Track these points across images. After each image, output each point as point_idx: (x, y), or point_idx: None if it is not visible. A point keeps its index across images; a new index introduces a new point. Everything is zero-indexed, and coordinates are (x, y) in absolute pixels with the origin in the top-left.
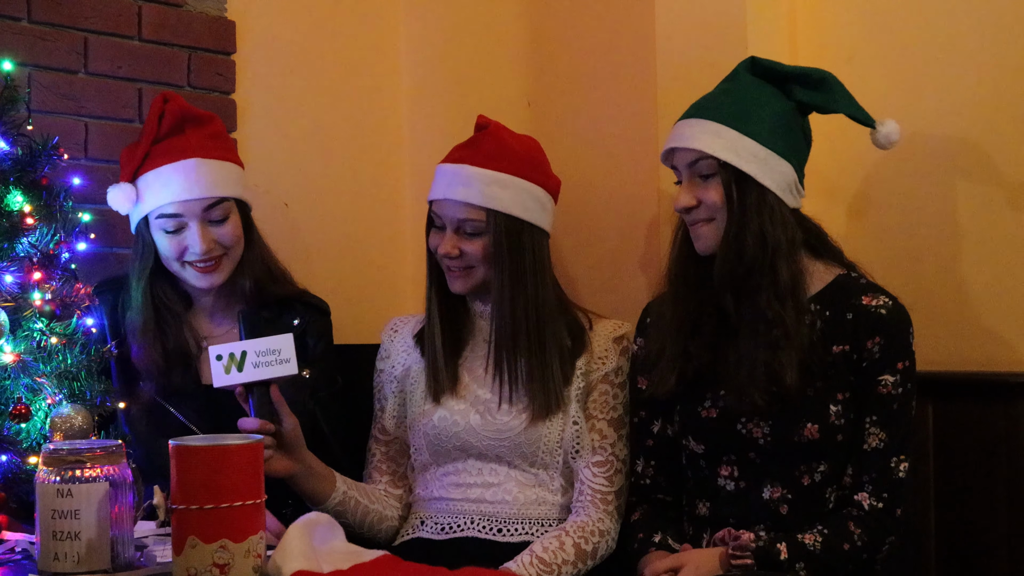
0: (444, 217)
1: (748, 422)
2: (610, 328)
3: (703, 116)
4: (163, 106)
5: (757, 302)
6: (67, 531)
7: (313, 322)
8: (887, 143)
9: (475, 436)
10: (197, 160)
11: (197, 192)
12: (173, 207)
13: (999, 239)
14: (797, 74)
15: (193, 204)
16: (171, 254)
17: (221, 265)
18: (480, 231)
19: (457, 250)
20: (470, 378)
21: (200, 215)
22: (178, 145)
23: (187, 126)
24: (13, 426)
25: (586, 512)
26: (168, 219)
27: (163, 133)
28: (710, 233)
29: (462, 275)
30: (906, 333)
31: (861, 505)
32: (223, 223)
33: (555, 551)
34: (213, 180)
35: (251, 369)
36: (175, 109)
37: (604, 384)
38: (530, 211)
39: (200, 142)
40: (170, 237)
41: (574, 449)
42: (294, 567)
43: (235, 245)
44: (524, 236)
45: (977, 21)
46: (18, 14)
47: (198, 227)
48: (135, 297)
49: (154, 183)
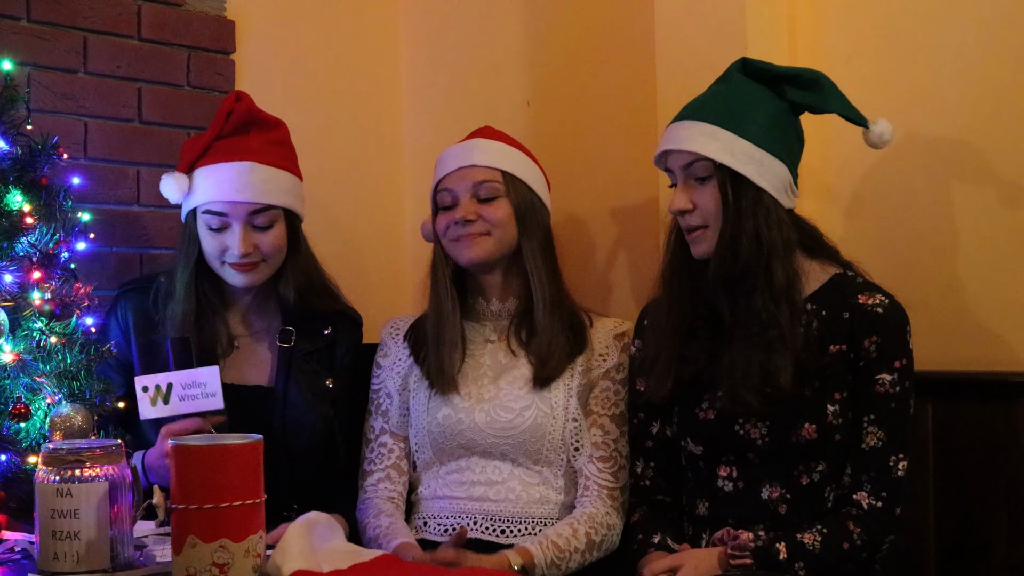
0: (458, 188)
1: (746, 423)
2: (611, 325)
3: (697, 118)
4: (233, 104)
5: (752, 303)
6: (66, 531)
7: (343, 331)
8: (880, 143)
9: (480, 434)
10: (252, 164)
11: (246, 195)
12: (219, 206)
13: (996, 239)
14: (790, 74)
15: (239, 206)
16: (212, 251)
17: (258, 268)
18: (496, 194)
19: (475, 214)
20: (474, 376)
21: (244, 218)
22: (239, 146)
23: (252, 128)
24: (13, 425)
25: (594, 505)
26: (213, 216)
27: (227, 131)
28: (705, 238)
29: (477, 240)
30: (903, 331)
31: (860, 504)
32: (267, 230)
33: (568, 538)
34: (264, 187)
35: (176, 402)
36: (243, 109)
37: (606, 380)
38: (537, 183)
39: (261, 146)
40: (213, 234)
41: (574, 446)
42: (293, 567)
43: (275, 254)
44: (535, 202)
45: (974, 21)
46: (17, 14)
47: (240, 229)
48: (178, 288)
49: (207, 178)
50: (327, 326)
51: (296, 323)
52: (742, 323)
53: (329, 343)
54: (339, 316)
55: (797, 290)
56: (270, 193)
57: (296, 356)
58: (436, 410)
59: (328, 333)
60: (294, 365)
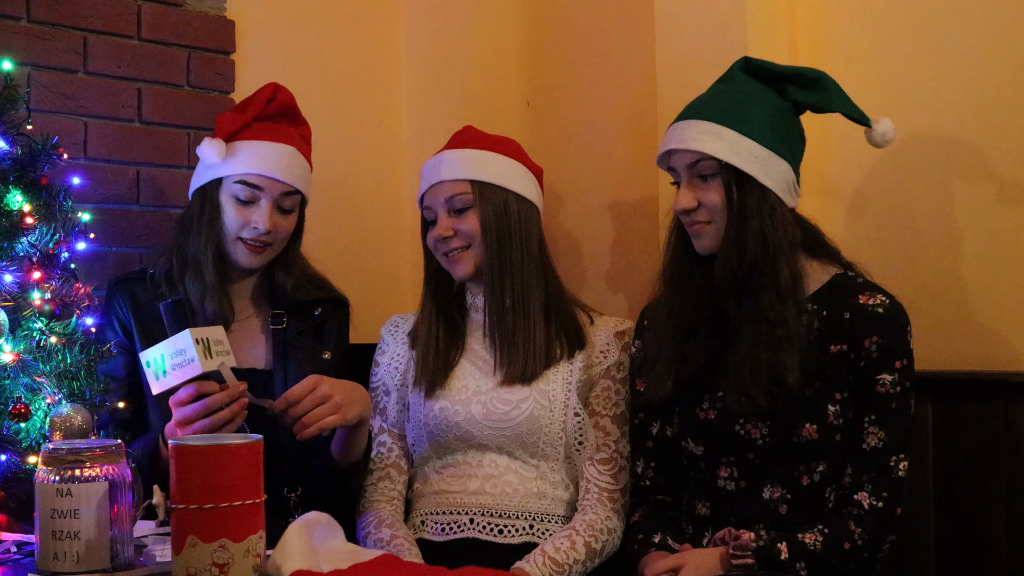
0: (434, 204)
1: (746, 423)
2: (612, 324)
3: (701, 117)
4: (274, 93)
5: (759, 302)
6: (66, 531)
7: (332, 311)
8: (882, 142)
9: (476, 426)
10: (294, 149)
11: (286, 175)
12: (258, 179)
13: (997, 238)
14: (792, 74)
15: (277, 184)
16: (234, 223)
17: (266, 252)
18: (469, 204)
19: (451, 231)
20: (471, 369)
21: (276, 197)
22: (279, 130)
23: (286, 120)
24: (12, 425)
25: (594, 510)
26: (247, 188)
27: (267, 115)
28: (710, 233)
29: (461, 256)
30: (904, 332)
31: (861, 504)
32: (289, 214)
33: (567, 551)
34: (299, 173)
35: (171, 372)
36: (284, 100)
37: (606, 379)
38: (514, 181)
39: (296, 136)
40: (239, 206)
41: (577, 441)
42: (293, 567)
43: (285, 239)
44: (511, 203)
45: (975, 21)
46: (18, 14)
47: (268, 206)
48: (200, 254)
49: (251, 150)
50: (316, 308)
51: (286, 308)
52: (749, 322)
53: (319, 322)
54: (327, 300)
55: (801, 289)
56: (301, 179)
57: (290, 336)
58: (433, 403)
59: (318, 313)
60: (289, 344)
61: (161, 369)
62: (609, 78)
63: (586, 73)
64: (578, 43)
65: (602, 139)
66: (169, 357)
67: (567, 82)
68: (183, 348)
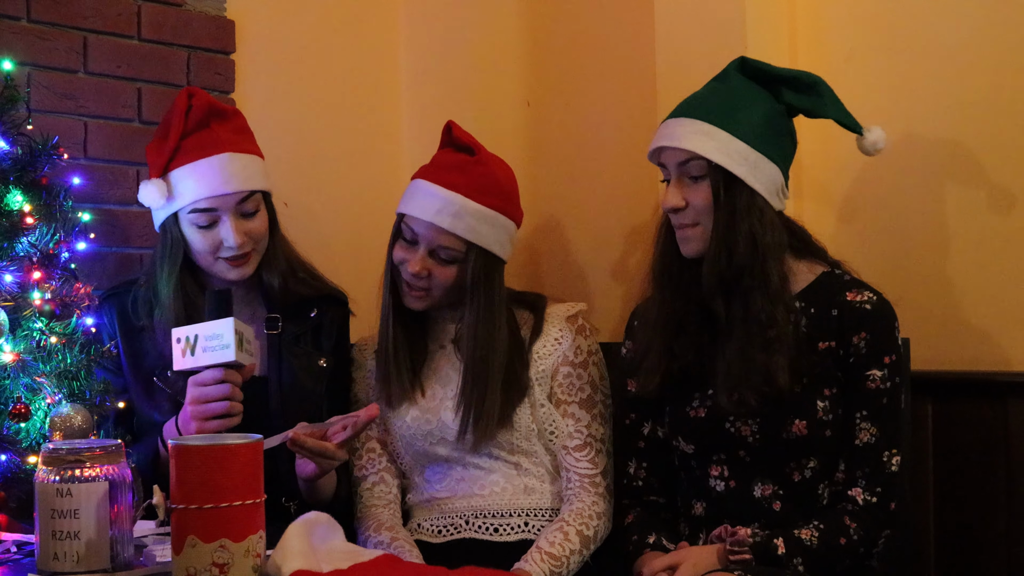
0: (420, 236)
1: (736, 421)
2: (563, 309)
3: (694, 115)
4: (189, 101)
5: (749, 304)
6: (66, 531)
7: (329, 311)
8: (873, 150)
9: (448, 431)
10: (229, 154)
11: (232, 186)
12: (207, 202)
13: (989, 241)
14: (788, 77)
15: (228, 198)
16: (204, 249)
17: (250, 259)
18: (454, 259)
19: (427, 271)
20: (437, 377)
21: (234, 208)
22: (208, 139)
23: (213, 120)
24: (13, 425)
25: (579, 498)
26: (202, 214)
27: (190, 128)
28: (696, 237)
29: (422, 296)
30: (891, 327)
31: (855, 500)
32: (254, 216)
33: (561, 543)
34: (245, 174)
35: (200, 353)
36: (202, 104)
37: (566, 367)
38: (504, 248)
39: (228, 136)
40: (203, 232)
41: (549, 432)
42: (293, 567)
43: (263, 238)
44: (495, 273)
45: (974, 22)
46: (18, 14)
47: (231, 221)
48: (163, 293)
49: (187, 178)
50: (312, 309)
51: (280, 310)
52: (740, 323)
53: (315, 325)
54: (323, 298)
55: (789, 290)
56: (251, 179)
57: (285, 341)
58: (404, 413)
59: (314, 316)
60: (285, 351)
61: (191, 348)
62: (609, 78)
63: (586, 73)
64: (578, 43)
65: (602, 139)
66: (203, 339)
67: (567, 82)
68: (221, 333)
